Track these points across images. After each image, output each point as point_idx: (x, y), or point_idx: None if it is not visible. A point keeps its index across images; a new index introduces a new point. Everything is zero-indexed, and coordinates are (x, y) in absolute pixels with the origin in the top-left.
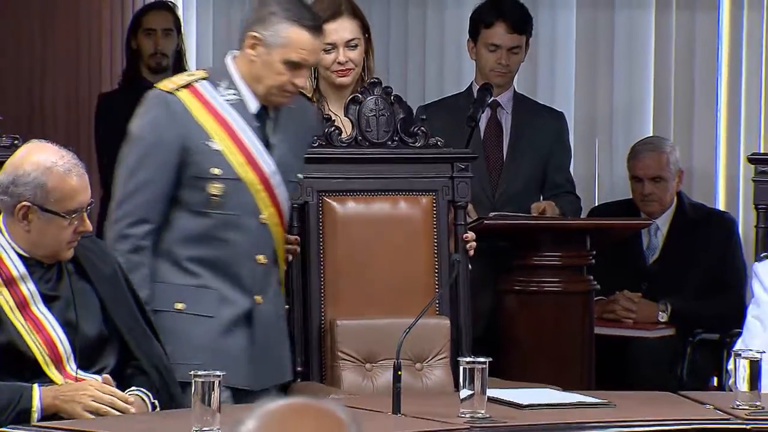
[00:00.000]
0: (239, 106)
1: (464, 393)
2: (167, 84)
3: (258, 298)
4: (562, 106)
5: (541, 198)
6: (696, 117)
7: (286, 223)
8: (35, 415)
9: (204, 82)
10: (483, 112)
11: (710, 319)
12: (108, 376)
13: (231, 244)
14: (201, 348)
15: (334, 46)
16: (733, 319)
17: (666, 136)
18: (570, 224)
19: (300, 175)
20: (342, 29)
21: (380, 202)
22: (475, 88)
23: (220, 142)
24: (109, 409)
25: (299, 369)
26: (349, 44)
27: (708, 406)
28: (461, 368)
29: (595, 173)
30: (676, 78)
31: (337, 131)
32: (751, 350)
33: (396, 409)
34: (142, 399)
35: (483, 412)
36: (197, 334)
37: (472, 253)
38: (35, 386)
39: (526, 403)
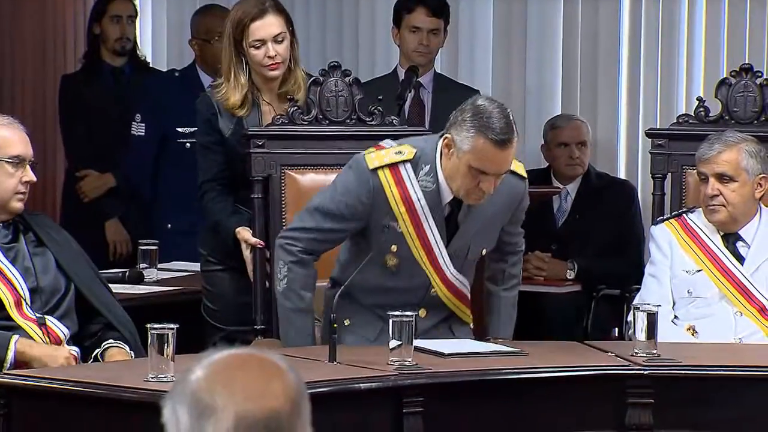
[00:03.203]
0: (432, 194)
1: (393, 343)
2: (374, 160)
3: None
4: (480, 86)
5: None
6: (600, 96)
7: (465, 294)
8: (8, 360)
9: (408, 164)
10: (410, 92)
11: (612, 276)
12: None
13: (401, 301)
14: None
15: (263, 42)
16: (633, 276)
17: (573, 113)
18: None
19: (484, 251)
20: (269, 25)
21: (337, 174)
22: (400, 70)
23: (403, 225)
24: None
25: (262, 327)
26: (276, 39)
27: (610, 354)
28: (391, 321)
29: None
30: (582, 61)
31: (299, 111)
32: (648, 304)
33: (332, 357)
34: (124, 350)
35: (410, 360)
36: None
37: None
38: (14, 336)
39: (448, 352)
